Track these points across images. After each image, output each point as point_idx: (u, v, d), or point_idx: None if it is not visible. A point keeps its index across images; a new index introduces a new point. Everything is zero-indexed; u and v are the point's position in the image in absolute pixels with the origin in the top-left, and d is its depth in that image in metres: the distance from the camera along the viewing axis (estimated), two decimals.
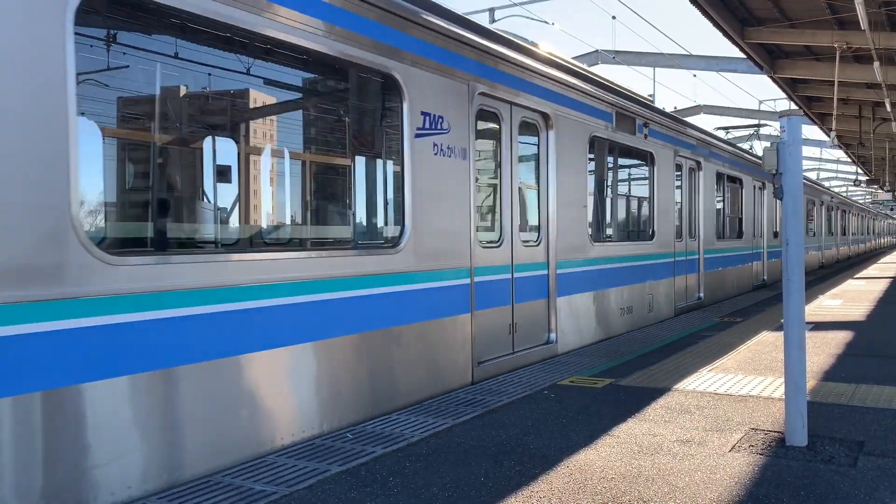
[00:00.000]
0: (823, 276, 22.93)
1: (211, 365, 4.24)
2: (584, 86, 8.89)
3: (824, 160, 38.85)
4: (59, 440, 3.51)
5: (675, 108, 24.56)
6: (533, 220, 8.13)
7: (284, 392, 4.81)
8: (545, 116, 8.02)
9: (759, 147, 27.04)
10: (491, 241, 7.27)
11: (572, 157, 8.54)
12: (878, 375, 6.72)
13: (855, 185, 43.19)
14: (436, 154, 6.24)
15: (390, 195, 6.20)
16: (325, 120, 6.26)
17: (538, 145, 8.12)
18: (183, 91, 4.83)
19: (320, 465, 4.32)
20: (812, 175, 39.91)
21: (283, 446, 4.72)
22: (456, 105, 6.48)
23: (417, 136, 6.01)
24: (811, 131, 38.49)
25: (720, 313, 11.95)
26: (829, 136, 18.82)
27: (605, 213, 10.10)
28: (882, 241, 68.47)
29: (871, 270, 24.78)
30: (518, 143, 7.64)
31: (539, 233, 8.04)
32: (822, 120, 21.94)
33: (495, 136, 7.43)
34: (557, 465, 4.29)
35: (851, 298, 14.13)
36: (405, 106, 5.87)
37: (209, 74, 4.82)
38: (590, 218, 9.15)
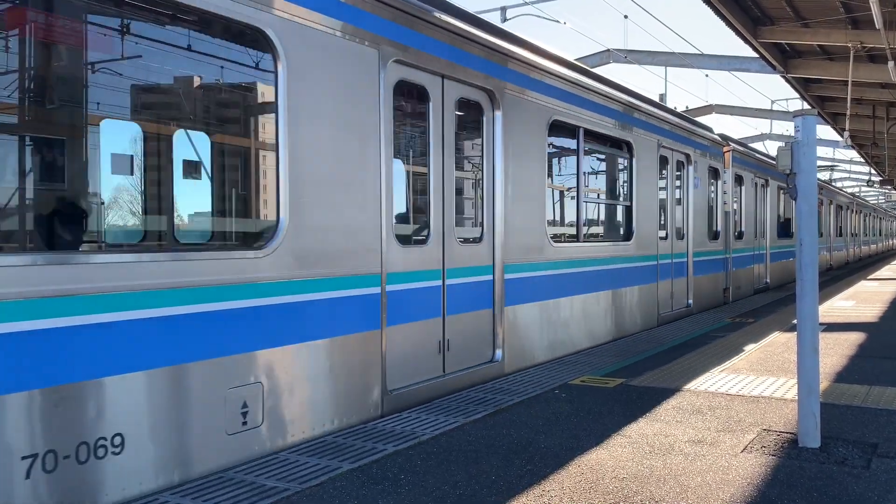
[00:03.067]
0: (835, 277, 22.78)
1: None
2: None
3: (837, 160, 38.60)
4: None
5: (687, 107, 24.48)
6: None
7: None
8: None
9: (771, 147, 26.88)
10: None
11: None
12: (892, 377, 6.68)
13: (868, 186, 42.89)
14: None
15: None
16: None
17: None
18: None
19: (332, 462, 4.33)
20: (824, 175, 39.66)
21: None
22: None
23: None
24: (824, 131, 38.26)
25: (732, 313, 11.90)
26: (842, 136, 18.70)
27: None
28: (893, 242, 67.31)
29: (884, 272, 24.61)
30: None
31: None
32: (835, 120, 21.79)
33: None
34: (568, 464, 4.29)
35: (864, 299, 14.03)
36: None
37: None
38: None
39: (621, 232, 10.08)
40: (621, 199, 10.25)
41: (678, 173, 11.99)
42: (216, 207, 5.34)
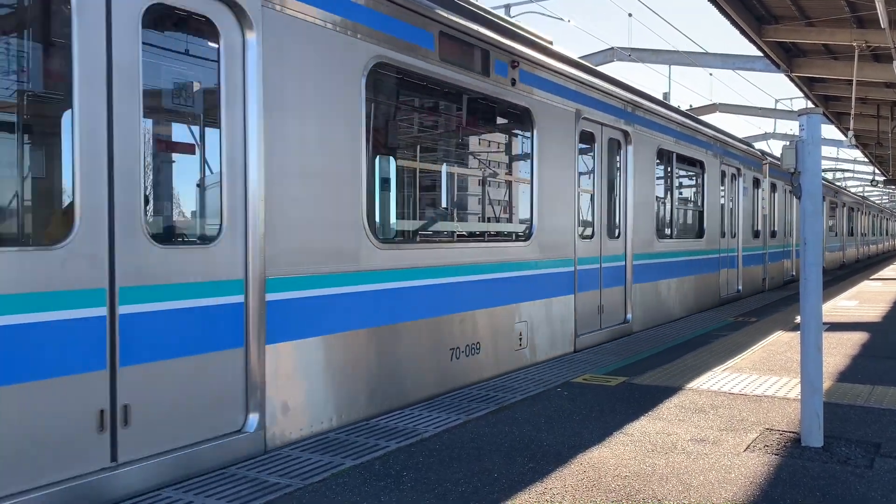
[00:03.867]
0: (838, 277, 22.75)
1: None
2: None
3: (841, 160, 38.52)
4: None
5: (691, 106, 24.44)
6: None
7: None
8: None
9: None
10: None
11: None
12: (895, 377, 6.66)
13: (872, 185, 42.82)
14: None
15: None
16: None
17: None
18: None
19: (334, 458, 4.34)
20: (828, 175, 39.65)
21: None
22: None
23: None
24: (828, 131, 38.18)
25: (734, 312, 11.88)
26: (846, 135, 18.65)
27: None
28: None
29: (887, 272, 24.56)
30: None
31: None
32: (839, 119, 21.75)
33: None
34: (570, 462, 4.29)
35: (867, 299, 14.01)
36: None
37: None
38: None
39: (695, 232, 12.69)
40: (696, 205, 12.85)
41: (732, 184, 14.50)
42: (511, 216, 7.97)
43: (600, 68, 11.87)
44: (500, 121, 7.97)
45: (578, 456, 4.39)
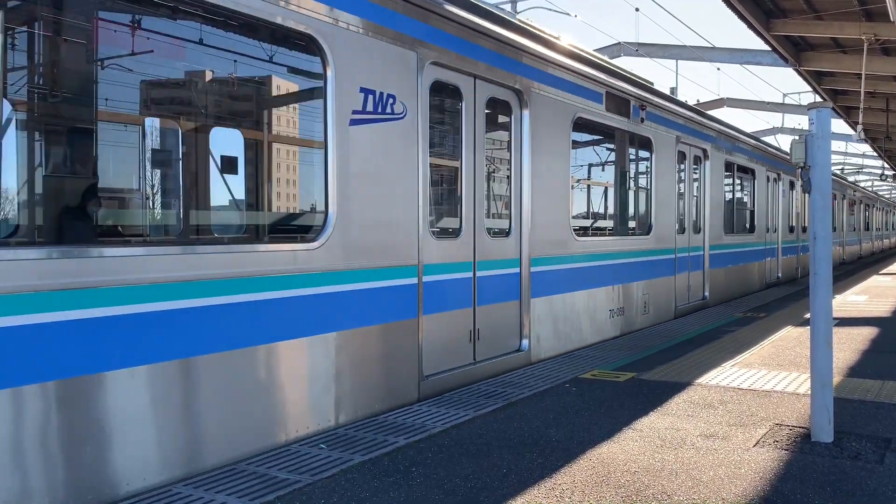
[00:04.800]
0: (847, 272, 22.64)
1: None
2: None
3: (850, 154, 38.30)
4: None
5: (698, 100, 24.33)
6: None
7: None
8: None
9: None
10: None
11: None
12: None
13: (881, 180, 42.56)
14: None
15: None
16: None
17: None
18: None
19: (343, 454, 4.35)
20: (836, 170, 39.49)
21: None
22: None
23: None
24: (836, 125, 37.96)
25: (744, 308, 11.84)
26: (855, 129, 18.54)
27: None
28: None
29: None
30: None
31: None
32: (847, 113, 21.61)
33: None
34: (580, 457, 4.28)
35: (877, 294, 13.94)
36: None
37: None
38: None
39: (747, 227, 15.12)
40: (750, 206, 15.39)
41: (773, 187, 16.87)
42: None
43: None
44: (637, 149, 10.21)
45: (587, 451, 4.39)
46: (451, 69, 6.25)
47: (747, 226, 15.35)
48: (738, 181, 15.02)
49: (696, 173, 12.11)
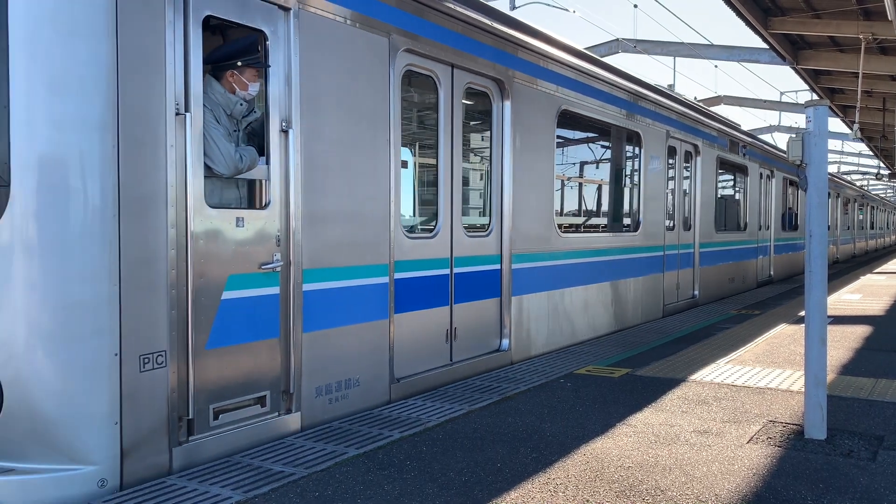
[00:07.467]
0: (841, 270, 22.71)
1: None
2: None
3: (845, 153, 38.39)
4: None
5: (696, 98, 24.34)
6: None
7: None
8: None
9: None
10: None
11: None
12: None
13: (877, 179, 42.70)
14: None
15: None
16: None
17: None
18: None
19: (338, 447, 4.35)
20: (832, 168, 39.63)
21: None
22: None
23: None
24: (833, 124, 38.07)
25: (738, 305, 11.87)
26: (851, 128, 18.58)
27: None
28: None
29: (891, 265, 24.51)
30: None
31: None
32: (844, 112, 21.66)
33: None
34: (574, 452, 4.29)
35: (872, 293, 13.99)
36: None
37: None
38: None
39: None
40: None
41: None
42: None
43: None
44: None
45: (582, 446, 4.40)
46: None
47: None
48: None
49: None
